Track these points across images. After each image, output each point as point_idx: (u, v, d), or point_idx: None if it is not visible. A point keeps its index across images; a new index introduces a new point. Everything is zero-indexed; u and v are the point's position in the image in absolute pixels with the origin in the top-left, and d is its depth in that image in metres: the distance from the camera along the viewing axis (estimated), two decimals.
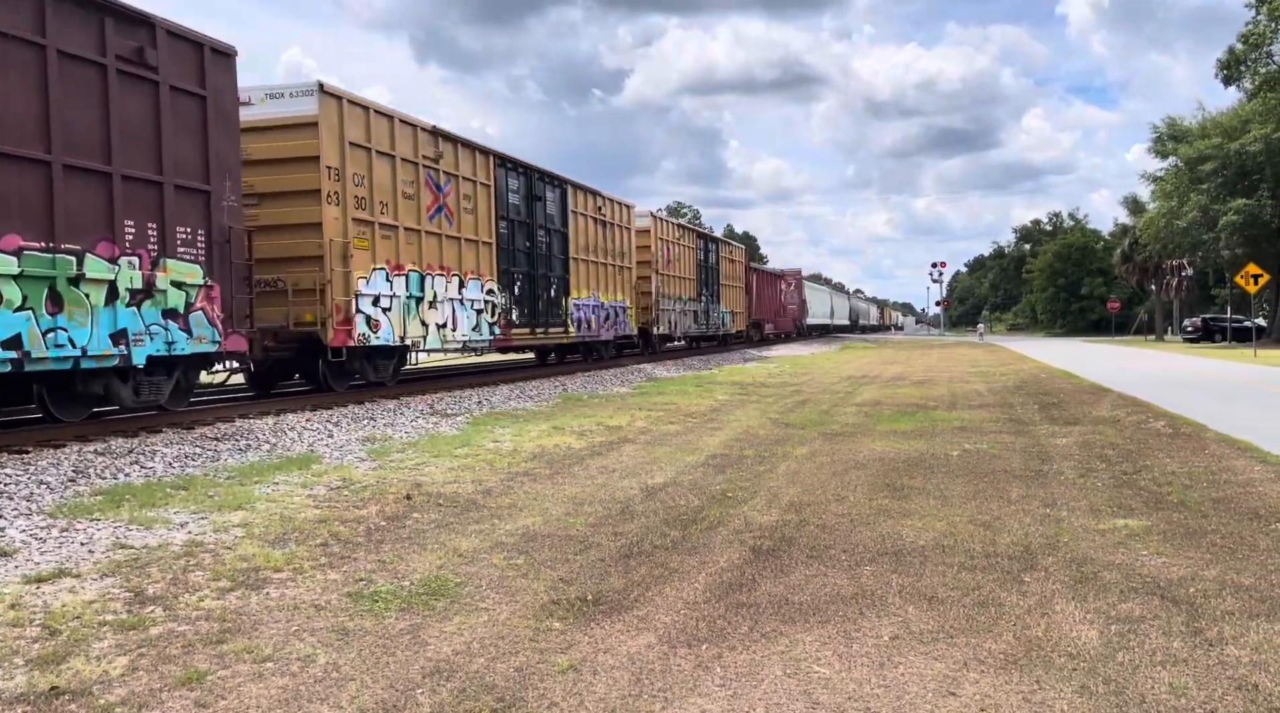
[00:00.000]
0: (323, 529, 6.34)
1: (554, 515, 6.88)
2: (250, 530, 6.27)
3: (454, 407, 14.38)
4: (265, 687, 3.75)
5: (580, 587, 5.13)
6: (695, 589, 5.08)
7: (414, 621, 4.57)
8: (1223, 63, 43.73)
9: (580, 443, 10.71)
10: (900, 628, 4.44)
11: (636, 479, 8.37)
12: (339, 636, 4.35)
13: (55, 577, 5.16)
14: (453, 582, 5.19)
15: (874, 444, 10.49)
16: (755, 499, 7.45)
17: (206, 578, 5.21)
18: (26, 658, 4.00)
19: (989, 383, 20.03)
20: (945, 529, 6.36)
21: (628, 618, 4.61)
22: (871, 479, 8.29)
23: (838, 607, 4.76)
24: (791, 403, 15.83)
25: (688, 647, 4.22)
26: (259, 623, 4.51)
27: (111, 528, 6.27)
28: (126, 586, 5.03)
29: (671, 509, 7.11)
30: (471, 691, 3.72)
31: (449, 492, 7.71)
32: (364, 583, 5.17)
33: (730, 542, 6.09)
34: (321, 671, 3.93)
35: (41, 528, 6.24)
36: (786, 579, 5.25)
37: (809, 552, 5.83)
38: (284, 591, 5.03)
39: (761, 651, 4.17)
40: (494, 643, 4.26)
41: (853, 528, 6.44)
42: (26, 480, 7.71)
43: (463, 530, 6.42)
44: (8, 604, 4.66)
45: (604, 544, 6.06)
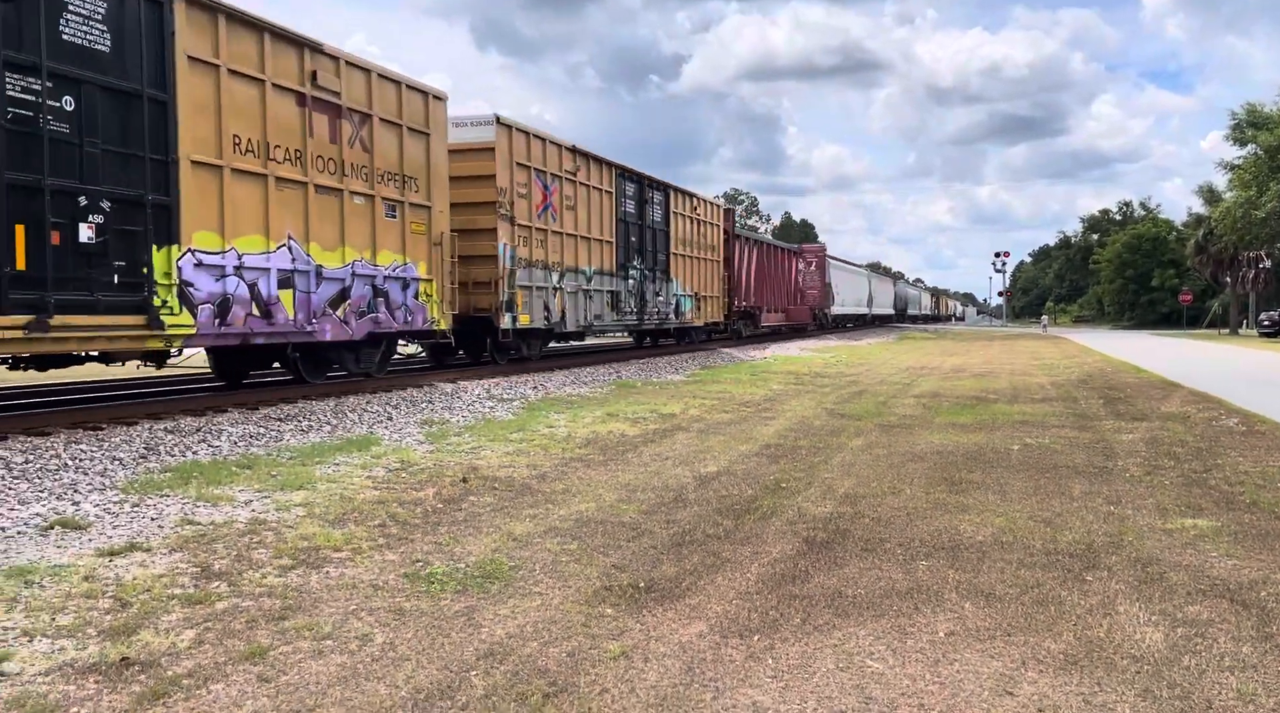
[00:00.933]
0: (381, 511, 6.46)
1: (607, 502, 6.91)
2: (311, 510, 6.41)
3: (509, 392, 14.52)
4: (325, 664, 3.84)
5: (632, 574, 5.15)
6: (748, 579, 5.06)
7: (469, 603, 4.63)
8: None
9: (634, 430, 10.74)
10: (956, 624, 4.37)
11: (689, 467, 8.37)
12: (396, 616, 4.43)
13: (127, 550, 5.34)
14: (507, 565, 5.25)
15: (932, 437, 10.33)
16: (809, 490, 7.39)
17: (269, 556, 5.34)
18: (99, 629, 4.15)
19: (1052, 376, 19.58)
20: (1004, 525, 6.24)
21: (679, 606, 4.62)
22: (929, 472, 8.17)
23: (892, 601, 4.71)
24: (848, 394, 15.67)
25: (739, 637, 4.21)
26: (319, 601, 4.61)
27: (180, 504, 6.47)
28: (194, 561, 5.19)
29: (724, 498, 7.09)
30: (524, 674, 3.76)
31: (504, 476, 7.79)
32: (420, 564, 5.26)
33: (783, 533, 6.06)
34: (379, 650, 4.01)
35: (114, 503, 6.46)
36: (840, 572, 5.21)
37: (863, 545, 5.77)
38: (343, 570, 5.14)
39: (814, 643, 4.14)
40: (547, 627, 4.30)
41: (909, 522, 6.36)
42: (100, 457, 7.99)
43: (517, 515, 6.48)
44: (82, 576, 4.84)
45: (656, 532, 6.07)
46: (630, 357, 22.85)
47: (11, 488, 6.82)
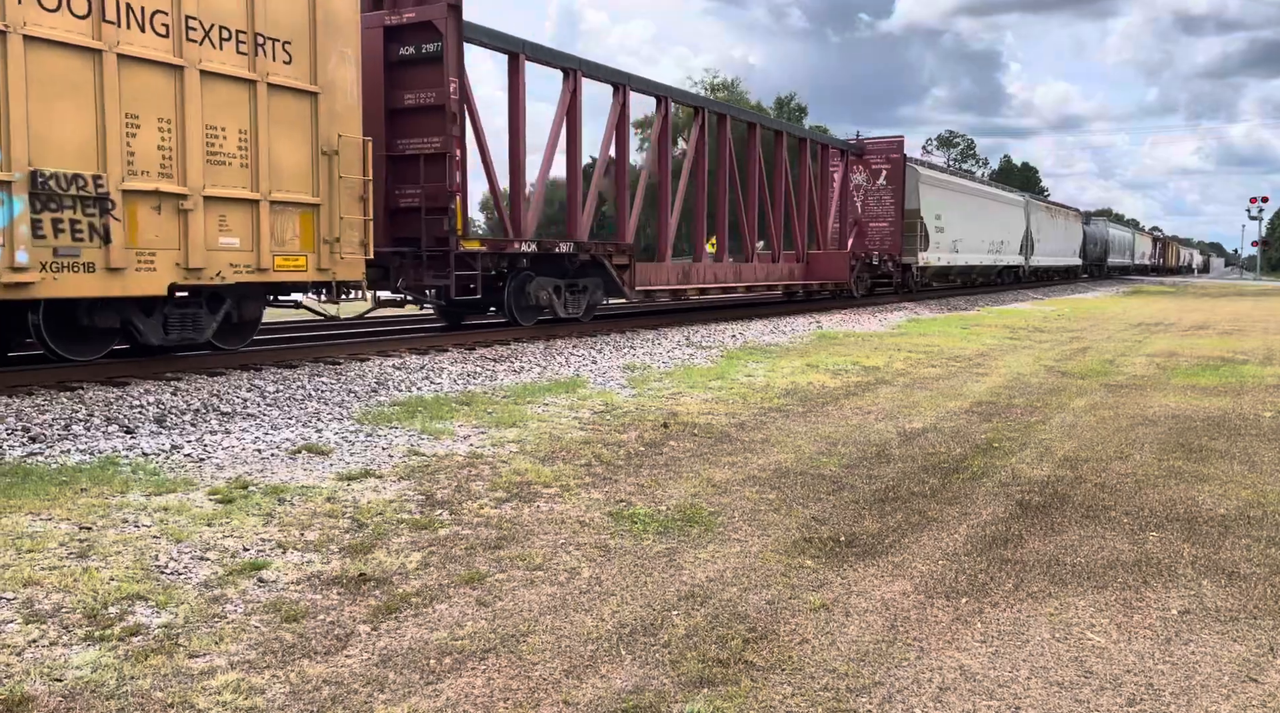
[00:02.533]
0: (587, 451, 6.70)
1: (806, 453, 6.84)
2: (523, 447, 6.75)
3: (709, 340, 14.61)
4: (536, 593, 4.06)
5: (833, 527, 5.09)
6: (955, 540, 4.88)
7: (670, 544, 4.74)
8: None
9: (835, 382, 10.53)
10: (1192, 602, 4.03)
11: (893, 422, 8.12)
12: (601, 552, 4.61)
13: (362, 476, 5.84)
14: (706, 511, 5.32)
15: (1167, 399, 9.48)
16: (1024, 451, 7.00)
17: (485, 488, 5.69)
18: (340, 546, 4.58)
19: None
20: (1251, 498, 5.66)
21: (882, 563, 4.53)
22: (1162, 437, 7.51)
23: (1117, 573, 4.39)
24: (1070, 350, 14.63)
25: (945, 598, 4.08)
26: (530, 533, 4.87)
27: (406, 436, 6.99)
28: (419, 489, 5.60)
29: (931, 456, 6.84)
30: (724, 618, 3.82)
31: (703, 423, 7.87)
32: (624, 504, 5.43)
33: (995, 494, 5.78)
34: (585, 583, 4.19)
35: (350, 432, 7.08)
36: (1058, 539, 4.91)
37: (1085, 511, 5.41)
38: (552, 505, 5.40)
39: (1027, 610, 3.94)
40: (746, 574, 4.33)
41: (1137, 489, 5.89)
42: (338, 389, 8.76)
43: (716, 461, 6.54)
44: (325, 497, 5.35)
45: (858, 486, 5.95)
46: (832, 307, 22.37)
47: (265, 414, 7.62)
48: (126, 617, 3.65)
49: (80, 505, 4.93)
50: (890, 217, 25.28)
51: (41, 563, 4.10)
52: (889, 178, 25.28)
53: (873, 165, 25.49)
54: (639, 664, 3.40)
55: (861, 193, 25.63)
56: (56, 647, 3.39)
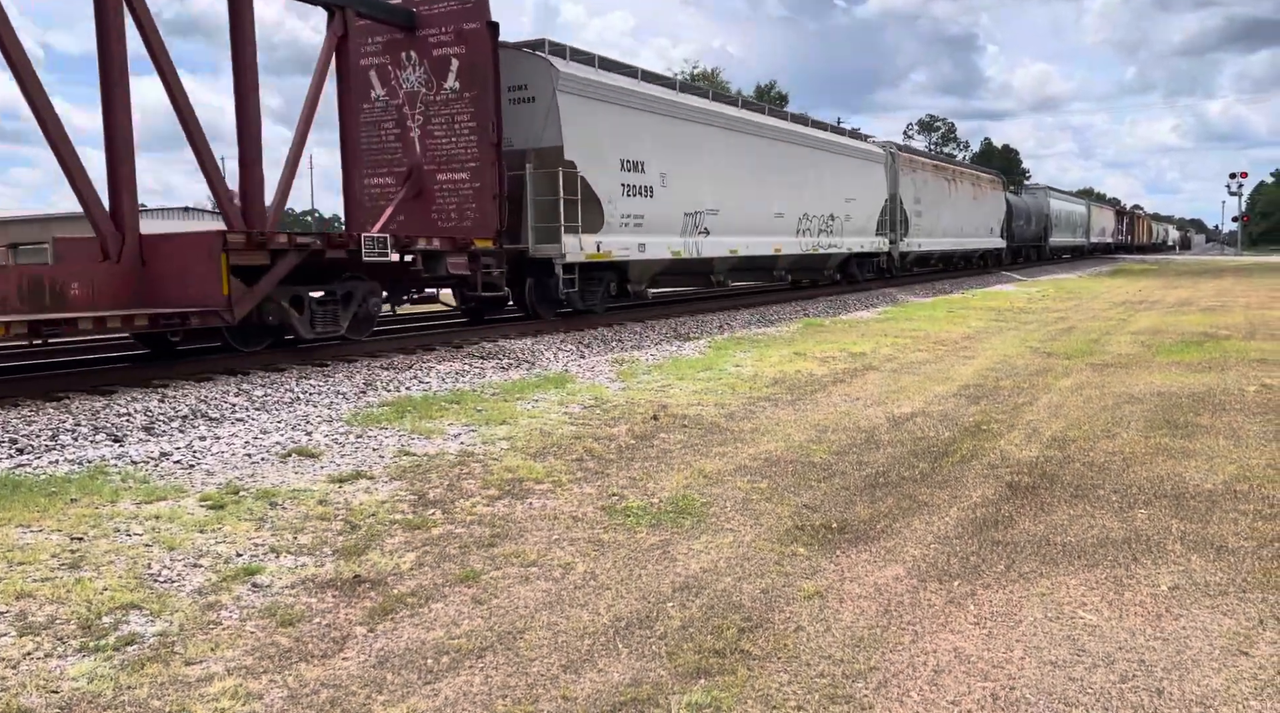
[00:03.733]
0: (578, 445, 6.71)
1: (796, 442, 6.87)
2: (514, 444, 6.75)
3: (696, 330, 14.62)
4: (531, 589, 4.07)
5: (824, 514, 5.11)
6: (946, 524, 4.91)
7: (663, 537, 4.76)
8: None
9: (822, 369, 10.56)
10: (1182, 578, 4.07)
11: (882, 408, 8.16)
12: (595, 547, 4.62)
13: (353, 478, 5.83)
14: (699, 502, 5.34)
15: (1152, 377, 9.56)
16: (1013, 433, 7.04)
17: (478, 486, 5.69)
18: (333, 548, 4.57)
19: None
20: (1237, 473, 5.71)
21: (874, 549, 4.55)
22: (1148, 415, 7.58)
23: (1107, 551, 4.44)
24: (1055, 331, 14.71)
25: (938, 582, 4.11)
26: (524, 530, 4.88)
27: (397, 436, 6.98)
28: (411, 489, 5.60)
29: (920, 440, 6.88)
30: (719, 608, 3.84)
31: (693, 414, 7.89)
32: (616, 498, 5.44)
33: (985, 476, 5.82)
34: (580, 578, 4.20)
35: (341, 434, 7.06)
36: (1048, 518, 4.95)
37: (1074, 490, 5.46)
38: (545, 501, 5.40)
39: (1020, 591, 3.98)
40: (740, 564, 4.35)
41: (1125, 467, 5.94)
42: (327, 391, 8.73)
43: (707, 452, 6.56)
44: (317, 500, 5.34)
45: (848, 473, 5.98)
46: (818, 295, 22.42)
47: (254, 419, 7.59)
48: (121, 626, 3.64)
49: (71, 516, 4.91)
50: (475, 160, 12.32)
51: (34, 575, 4.09)
52: (463, 77, 12.24)
53: (434, 51, 12.43)
54: (635, 658, 3.41)
55: (420, 107, 12.71)
56: (52, 659, 3.38)
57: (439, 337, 12.30)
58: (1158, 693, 3.10)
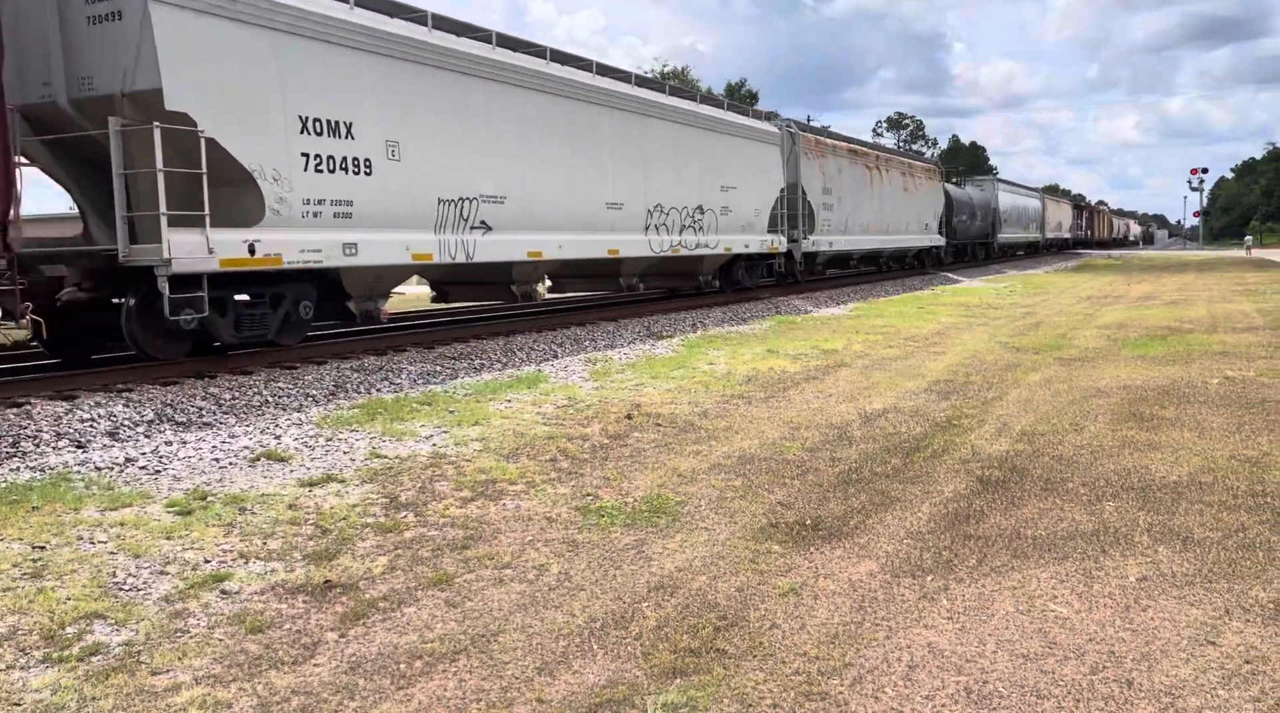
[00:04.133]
0: (551, 446, 6.68)
1: (770, 439, 6.88)
2: (487, 445, 6.71)
3: (669, 329, 14.62)
4: (506, 591, 4.04)
5: (798, 511, 5.12)
6: (918, 519, 4.94)
7: (638, 536, 4.74)
8: None
9: (795, 366, 10.60)
10: (1149, 569, 4.12)
11: (854, 404, 8.20)
12: (569, 547, 4.60)
13: (324, 481, 5.76)
14: (673, 500, 5.34)
15: (1118, 370, 9.68)
16: (983, 428, 7.10)
17: (450, 488, 5.64)
18: (304, 553, 4.52)
19: (1258, 303, 17.89)
20: (1202, 464, 5.80)
21: (848, 545, 4.57)
22: (1115, 408, 7.67)
23: (1076, 543, 4.48)
24: (1023, 326, 14.87)
25: (911, 577, 4.13)
26: (498, 532, 4.84)
27: (368, 439, 6.92)
28: (383, 492, 5.54)
29: (892, 436, 6.92)
30: (694, 607, 3.83)
31: (667, 413, 7.89)
32: (590, 498, 5.42)
33: (956, 471, 5.86)
34: (555, 579, 4.18)
35: (310, 437, 6.98)
36: (1018, 512, 5.00)
37: (1043, 484, 5.51)
38: (519, 502, 5.37)
39: (991, 585, 4.01)
40: (715, 562, 4.35)
41: (1093, 460, 6.01)
42: (296, 394, 8.63)
43: (681, 451, 6.56)
44: (287, 504, 5.27)
45: (821, 470, 6.00)
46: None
47: (222, 422, 7.49)
48: (85, 636, 3.57)
49: (33, 524, 4.81)
50: None
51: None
52: None
53: None
54: (611, 658, 3.40)
55: None
56: (14, 670, 3.30)
57: (410, 337, 12.20)
58: (1127, 684, 3.14)
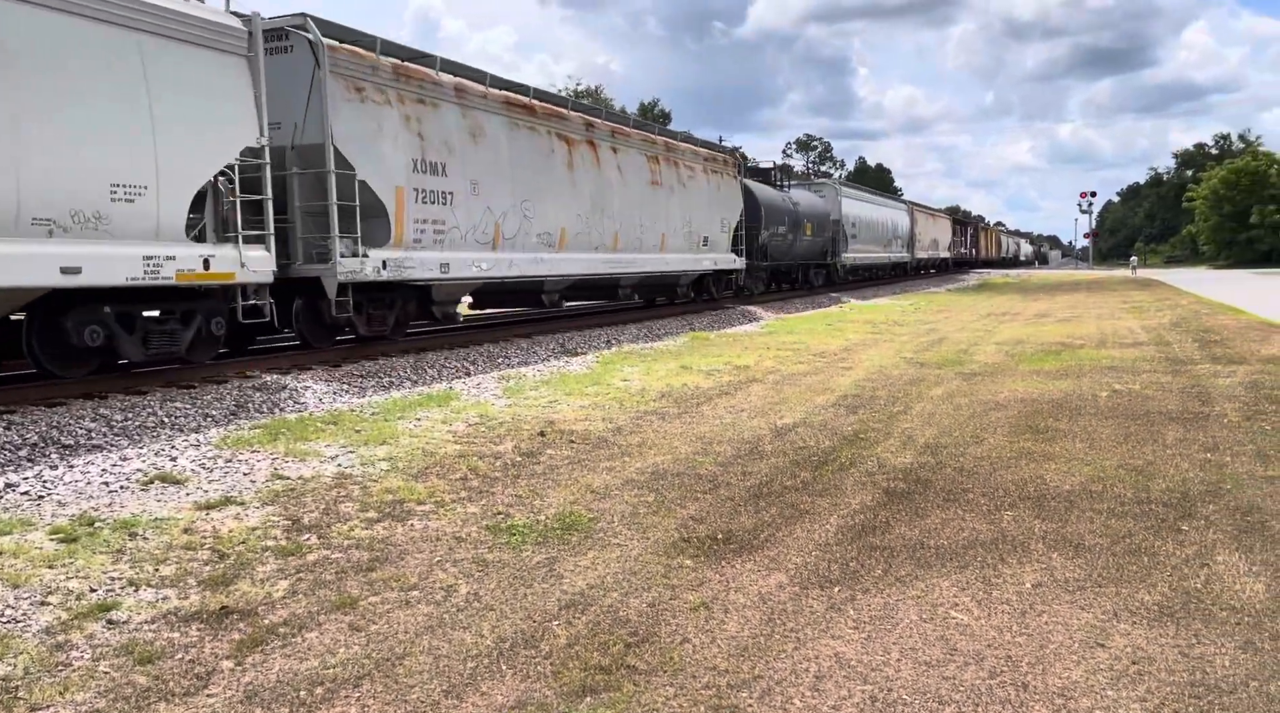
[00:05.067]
0: (462, 464, 6.58)
1: (683, 454, 6.92)
2: (394, 464, 6.57)
3: (583, 346, 14.60)
4: (412, 614, 3.95)
5: (710, 525, 5.15)
6: (827, 531, 5.02)
7: (549, 554, 4.70)
8: None
9: (708, 382, 10.70)
10: (1044, 576, 4.27)
11: (765, 419, 8.31)
12: (479, 567, 4.52)
13: (222, 504, 5.55)
14: (586, 517, 5.31)
15: (1015, 384, 10.06)
16: (889, 440, 7.28)
17: (356, 509, 5.50)
18: (199, 579, 4.33)
19: (1142, 320, 18.85)
20: (1093, 474, 6.06)
21: (758, 558, 4.61)
22: (1013, 421, 7.96)
23: (976, 552, 4.62)
24: (927, 342, 15.34)
25: (820, 588, 4.19)
26: (405, 553, 4.74)
27: (269, 460, 6.69)
28: (284, 514, 5.37)
29: (802, 450, 7.03)
30: (606, 624, 3.81)
31: (580, 429, 7.86)
32: (501, 516, 5.35)
33: (863, 483, 5.99)
34: (463, 600, 4.10)
35: (209, 459, 6.72)
36: (922, 523, 5.13)
37: (946, 495, 5.67)
38: (427, 522, 5.26)
39: (896, 594, 4.10)
40: (627, 578, 4.34)
41: (992, 471, 6.22)
42: (194, 414, 8.30)
43: (594, 467, 6.54)
44: (182, 529, 5.05)
45: (733, 484, 6.06)
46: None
47: (114, 445, 7.15)
48: None
49: None
50: None
51: None
52: None
53: None
54: (520, 678, 3.35)
55: None
56: None
57: (316, 356, 11.88)
58: (1023, 687, 3.24)
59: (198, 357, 9.92)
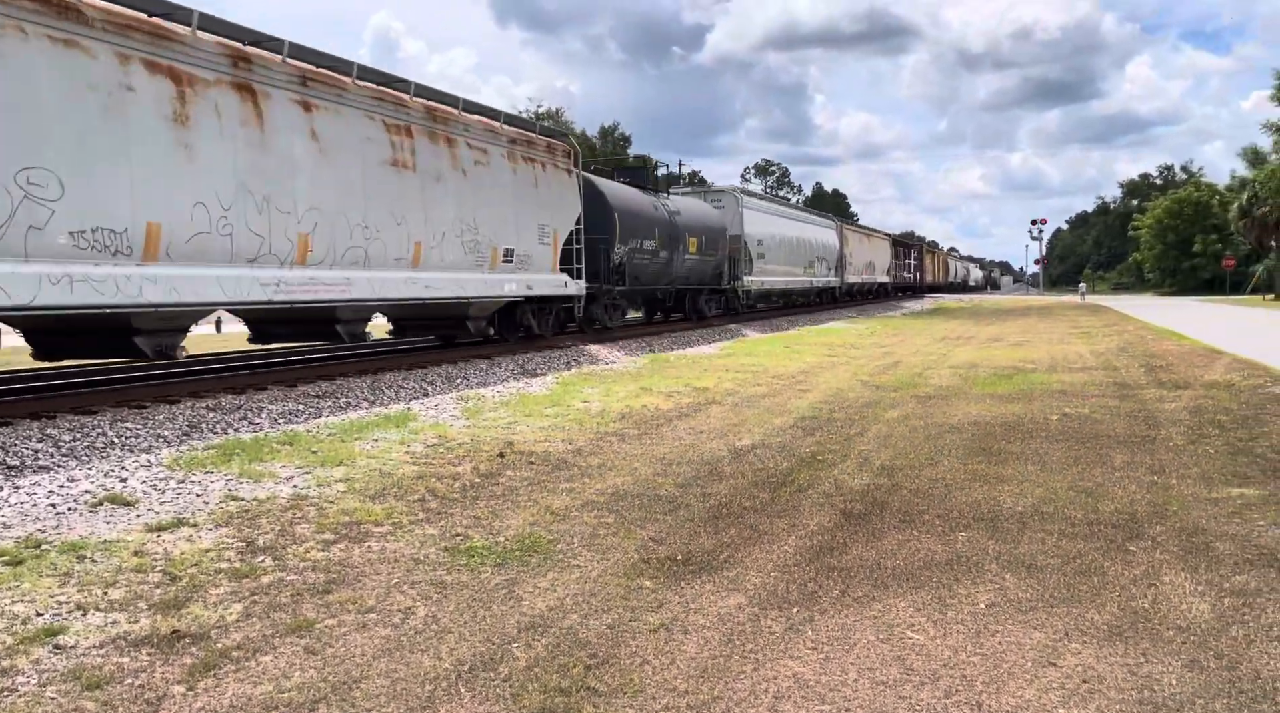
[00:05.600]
0: (420, 485, 6.53)
1: (643, 475, 6.93)
2: (352, 485, 6.50)
3: (543, 366, 14.58)
4: (369, 637, 3.91)
5: (670, 547, 5.17)
6: (785, 552, 5.06)
7: (509, 576, 4.68)
8: None
9: (668, 404, 10.74)
10: (997, 596, 4.34)
11: (724, 440, 8.36)
12: (437, 589, 4.49)
13: (174, 526, 5.44)
14: (545, 539, 5.29)
15: (969, 407, 10.23)
16: (846, 462, 7.36)
17: (312, 530, 5.43)
18: (150, 602, 4.24)
19: (1091, 345, 19.29)
20: (1044, 495, 6.18)
21: (718, 579, 4.63)
22: (966, 443, 8.10)
23: (932, 573, 4.69)
24: (883, 365, 15.54)
25: (778, 609, 4.22)
26: (362, 575, 4.68)
27: (224, 481, 6.58)
28: (239, 536, 5.28)
29: (760, 471, 7.08)
30: (565, 646, 3.80)
31: (540, 450, 7.84)
32: (460, 538, 5.31)
33: (820, 505, 6.05)
34: (421, 622, 4.06)
35: (160, 480, 6.59)
36: (879, 544, 5.19)
37: (901, 516, 5.74)
38: (384, 544, 5.21)
39: (853, 615, 4.14)
40: (586, 600, 4.33)
41: (947, 493, 6.31)
42: (145, 435, 8.14)
43: (554, 489, 6.52)
44: (132, 551, 4.95)
45: (693, 505, 6.08)
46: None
47: (61, 465, 6.98)
48: None
49: None
50: None
51: None
52: None
53: None
54: (479, 701, 3.33)
55: None
56: None
57: (272, 375, 11.73)
58: (977, 707, 3.29)
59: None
